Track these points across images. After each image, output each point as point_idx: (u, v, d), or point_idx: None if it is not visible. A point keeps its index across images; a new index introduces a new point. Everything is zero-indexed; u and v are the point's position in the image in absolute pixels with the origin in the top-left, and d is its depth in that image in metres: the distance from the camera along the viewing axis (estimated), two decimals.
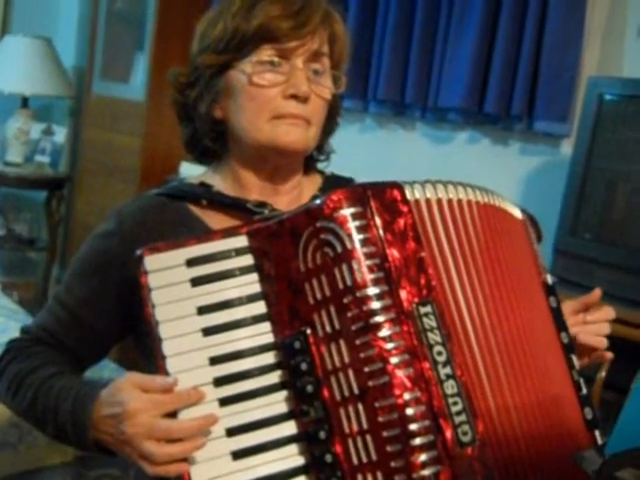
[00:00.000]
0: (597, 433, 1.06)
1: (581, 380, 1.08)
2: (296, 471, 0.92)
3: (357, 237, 0.91)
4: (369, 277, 0.90)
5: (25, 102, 3.81)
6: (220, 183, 1.15)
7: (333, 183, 1.20)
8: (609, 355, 1.16)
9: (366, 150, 2.93)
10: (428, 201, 0.96)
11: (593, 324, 1.15)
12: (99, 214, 3.56)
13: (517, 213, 1.09)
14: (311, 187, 1.21)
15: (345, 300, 0.90)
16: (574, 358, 1.08)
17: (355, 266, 0.90)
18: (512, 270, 1.02)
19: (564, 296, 1.13)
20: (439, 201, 0.97)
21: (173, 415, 0.91)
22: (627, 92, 2.03)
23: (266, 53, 1.07)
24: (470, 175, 2.62)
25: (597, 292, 1.17)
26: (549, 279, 1.11)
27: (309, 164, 1.21)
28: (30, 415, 1.07)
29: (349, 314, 0.89)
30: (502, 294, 0.99)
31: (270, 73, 1.08)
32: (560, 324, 1.08)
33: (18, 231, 3.98)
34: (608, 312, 1.17)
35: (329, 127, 1.19)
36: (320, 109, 1.11)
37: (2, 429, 1.68)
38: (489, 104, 2.47)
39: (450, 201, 0.98)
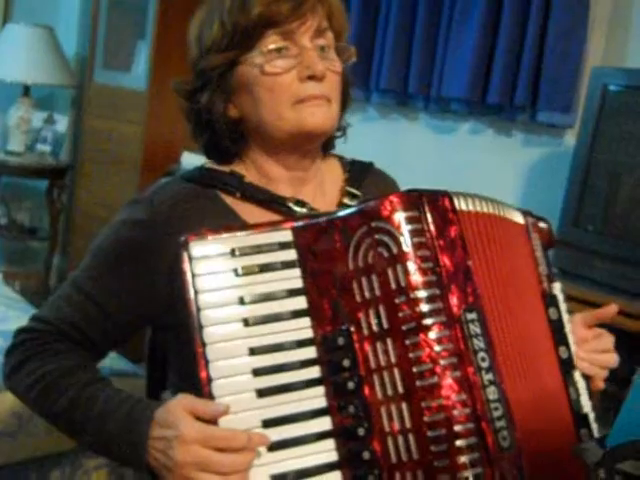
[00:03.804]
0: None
1: (582, 398, 1.04)
2: (330, 466, 0.92)
3: (413, 240, 0.92)
4: (422, 279, 0.91)
5: (27, 91, 3.80)
6: (246, 173, 1.14)
7: (360, 170, 1.22)
8: (601, 385, 1.10)
9: (369, 140, 2.91)
10: (470, 213, 0.98)
11: (587, 353, 1.08)
12: (101, 203, 3.55)
13: (520, 219, 1.08)
14: (332, 174, 1.21)
15: (397, 300, 0.91)
16: (576, 375, 1.06)
17: (410, 267, 0.91)
18: (520, 282, 1.03)
19: (567, 288, 1.11)
20: (481, 214, 0.99)
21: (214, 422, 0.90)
22: (631, 83, 2.02)
23: (272, 40, 1.06)
24: (473, 166, 2.64)
25: (612, 307, 1.12)
26: (556, 288, 1.08)
27: (327, 144, 1.19)
28: (61, 420, 1.04)
29: (400, 314, 0.90)
30: (517, 306, 1.01)
31: (280, 60, 1.06)
32: (559, 337, 1.06)
33: (19, 220, 3.98)
34: (605, 342, 1.11)
35: (344, 102, 1.18)
36: (336, 84, 1.11)
37: (2, 418, 1.68)
38: (492, 95, 2.46)
39: (489, 216, 1.01)
